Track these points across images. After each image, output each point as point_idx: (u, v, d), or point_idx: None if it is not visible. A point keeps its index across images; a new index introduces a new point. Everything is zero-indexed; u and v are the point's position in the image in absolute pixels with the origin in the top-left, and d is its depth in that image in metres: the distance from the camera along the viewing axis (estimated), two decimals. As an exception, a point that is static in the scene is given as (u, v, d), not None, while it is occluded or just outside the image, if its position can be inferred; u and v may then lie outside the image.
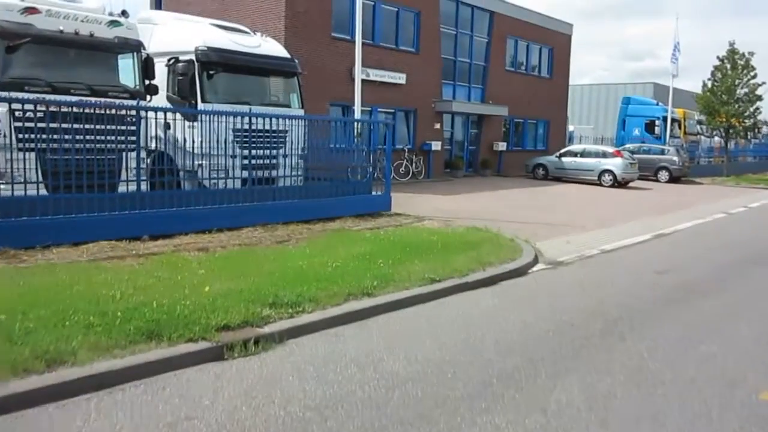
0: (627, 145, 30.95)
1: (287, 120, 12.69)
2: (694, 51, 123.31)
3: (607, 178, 24.04)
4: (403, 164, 22.55)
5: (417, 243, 10.23)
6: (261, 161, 12.15)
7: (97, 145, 9.43)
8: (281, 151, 12.61)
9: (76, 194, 9.05)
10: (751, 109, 30.73)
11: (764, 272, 9.97)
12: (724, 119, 30.68)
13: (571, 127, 44.75)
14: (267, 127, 11.98)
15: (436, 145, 23.80)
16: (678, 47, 31.19)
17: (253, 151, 11.70)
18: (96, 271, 7.47)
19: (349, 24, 20.41)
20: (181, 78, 11.86)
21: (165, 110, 10.47)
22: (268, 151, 12.30)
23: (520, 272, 9.29)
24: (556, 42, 31.35)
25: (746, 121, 30.72)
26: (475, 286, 8.31)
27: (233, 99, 12.41)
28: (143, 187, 10.06)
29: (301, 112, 13.67)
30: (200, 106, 11.87)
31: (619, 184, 23.95)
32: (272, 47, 13.55)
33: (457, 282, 8.18)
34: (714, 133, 32.99)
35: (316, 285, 7.22)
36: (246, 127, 11.56)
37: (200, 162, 11.34)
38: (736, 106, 30.46)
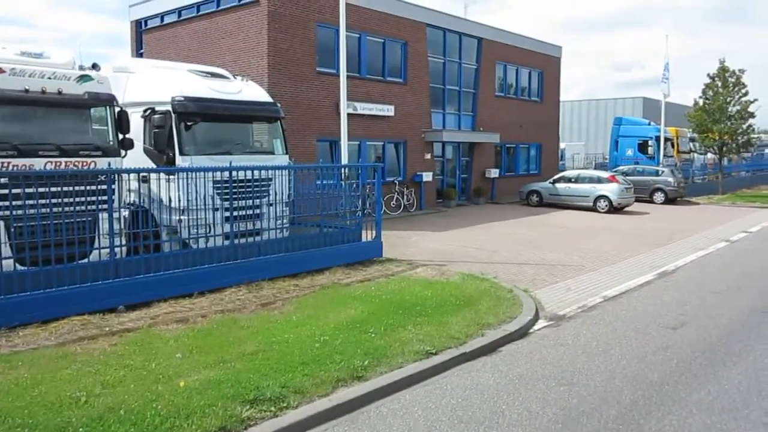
0: (621, 167, 30.58)
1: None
2: (681, 61, 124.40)
3: (602, 204, 23.56)
4: (394, 197, 22.01)
5: (410, 301, 9.68)
6: (245, 212, 11.63)
7: (67, 209, 8.85)
8: (265, 200, 12.10)
9: (45, 267, 8.45)
10: (744, 126, 30.43)
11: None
12: (717, 137, 30.38)
13: (562, 145, 44.34)
14: (250, 176, 11.51)
15: (427, 176, 23.29)
16: (668, 67, 30.93)
17: (237, 202, 11.16)
18: (63, 361, 6.87)
19: (334, 58, 19.90)
20: (157, 130, 11.32)
21: (138, 171, 9.91)
22: (251, 201, 11.80)
23: (521, 333, 8.73)
24: (545, 65, 31.01)
25: (739, 138, 30.39)
26: (474, 355, 7.75)
27: (213, 149, 11.89)
28: (118, 252, 9.45)
29: (285, 158, 13.16)
30: (178, 158, 11.34)
31: (615, 209, 23.48)
32: (253, 92, 13.05)
33: (455, 353, 7.61)
34: (707, 150, 32.66)
35: (302, 370, 6.66)
36: (227, 178, 11.09)
37: (180, 217, 10.80)
38: (729, 123, 30.16)
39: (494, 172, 27.06)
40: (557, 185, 24.95)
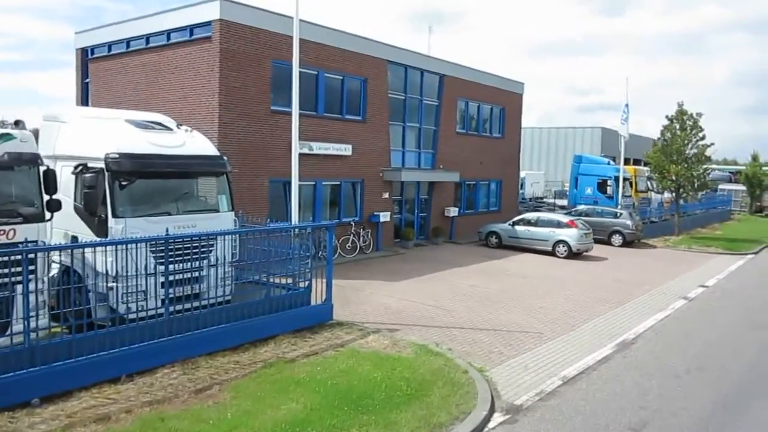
0: (580, 207, 30.53)
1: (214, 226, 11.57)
2: (638, 89, 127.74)
3: (561, 249, 23.25)
4: (350, 239, 21.28)
5: (357, 388, 9.01)
6: (184, 275, 10.80)
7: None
8: (207, 262, 11.27)
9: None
10: (701, 170, 30.65)
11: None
12: (674, 177, 30.52)
13: (522, 174, 44.26)
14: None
15: (384, 216, 22.61)
16: (627, 109, 31.07)
17: (176, 266, 10.35)
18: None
19: (289, 96, 19.21)
20: (88, 190, 10.39)
21: (57, 248, 9.02)
22: (192, 264, 10.98)
23: (475, 433, 8.12)
24: (507, 101, 30.77)
25: (696, 181, 30.60)
26: (424, 470, 7.09)
27: (151, 209, 11.01)
28: (36, 335, 8.51)
29: (231, 216, 12.34)
30: (111, 220, 10.44)
31: (574, 254, 23.19)
32: (198, 144, 12.20)
33: (403, 471, 6.93)
34: (664, 190, 32.87)
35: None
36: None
37: (112, 284, 9.92)
38: (686, 165, 30.35)
39: (454, 211, 26.55)
40: (517, 227, 24.57)
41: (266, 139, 18.47)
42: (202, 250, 11.15)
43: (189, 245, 10.66)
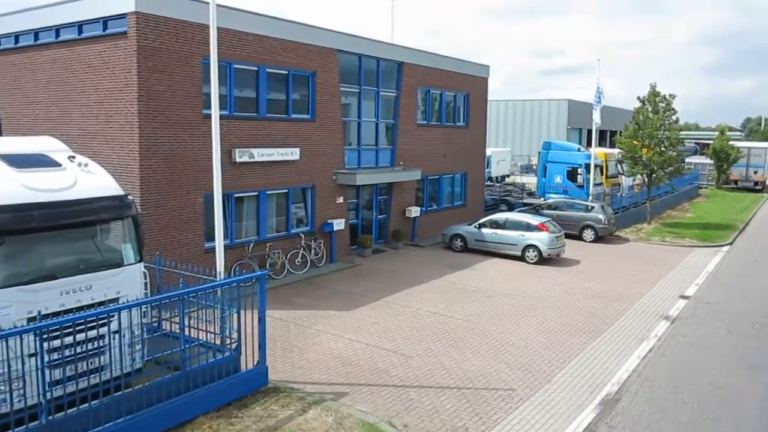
0: (550, 200, 28.90)
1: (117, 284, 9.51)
2: (599, 49, 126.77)
3: (531, 254, 21.48)
4: (300, 253, 19.15)
5: None
6: (80, 348, 8.71)
7: None
8: (110, 327, 9.17)
9: None
10: (674, 154, 29.19)
11: None
12: (647, 161, 29.00)
13: (488, 152, 42.37)
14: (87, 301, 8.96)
15: (338, 224, 20.50)
16: (601, 91, 29.23)
17: (67, 339, 8.31)
18: None
19: (227, 96, 16.93)
20: (-60, 259, 8.13)
21: None
22: (89, 333, 8.89)
23: None
24: (472, 86, 28.51)
25: (668, 166, 29.08)
26: None
27: (30, 274, 8.74)
28: None
29: (138, 269, 10.13)
30: (-27, 296, 8.21)
31: (544, 259, 21.50)
32: (93, 183, 9.86)
33: None
34: (635, 175, 31.38)
35: None
36: (53, 309, 8.52)
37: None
38: (659, 149, 28.86)
39: (415, 211, 24.46)
40: (483, 230, 22.65)
41: (198, 148, 16.12)
42: (100, 318, 9.06)
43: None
